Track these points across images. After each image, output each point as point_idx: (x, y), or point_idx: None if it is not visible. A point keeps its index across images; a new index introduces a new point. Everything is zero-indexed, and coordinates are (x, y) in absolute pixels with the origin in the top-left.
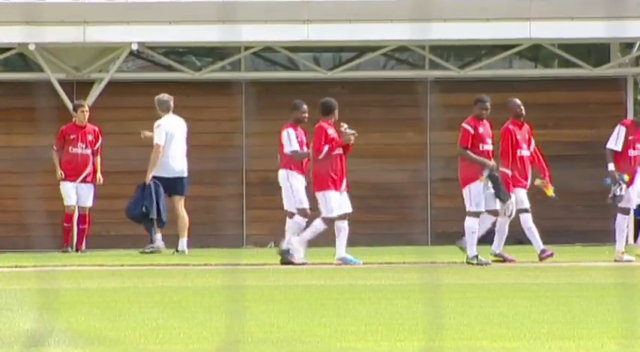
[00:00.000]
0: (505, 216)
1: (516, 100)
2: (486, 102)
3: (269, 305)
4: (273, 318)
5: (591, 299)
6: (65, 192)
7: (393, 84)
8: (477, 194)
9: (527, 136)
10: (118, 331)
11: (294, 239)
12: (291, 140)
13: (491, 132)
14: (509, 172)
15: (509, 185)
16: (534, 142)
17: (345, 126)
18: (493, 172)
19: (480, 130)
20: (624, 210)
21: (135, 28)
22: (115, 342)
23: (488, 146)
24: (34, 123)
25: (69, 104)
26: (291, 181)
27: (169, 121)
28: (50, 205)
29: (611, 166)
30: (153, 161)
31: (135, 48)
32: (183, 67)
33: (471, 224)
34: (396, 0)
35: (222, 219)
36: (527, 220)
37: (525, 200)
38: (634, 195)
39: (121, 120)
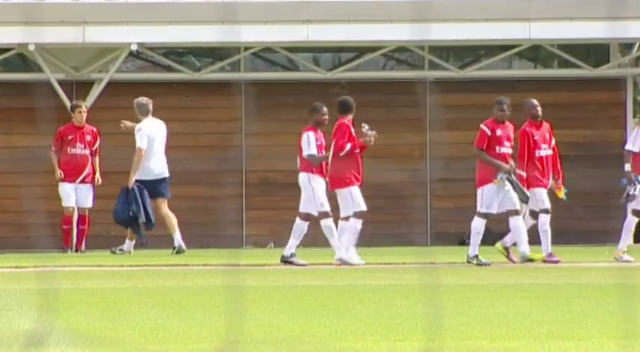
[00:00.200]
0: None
1: (532, 101)
2: (503, 104)
3: (269, 305)
4: (272, 318)
5: (591, 299)
6: (64, 194)
7: (392, 84)
8: (489, 196)
9: (548, 135)
10: (117, 331)
11: (340, 252)
12: (310, 144)
13: (512, 135)
14: (523, 174)
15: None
16: (554, 142)
17: (367, 127)
18: (509, 175)
19: (498, 132)
20: (636, 212)
21: (134, 28)
22: (115, 342)
23: (505, 148)
24: (33, 124)
25: (68, 104)
26: (313, 185)
27: (150, 125)
28: (50, 205)
29: (628, 166)
30: (135, 164)
31: (134, 48)
32: (182, 68)
33: (478, 224)
34: (396, 0)
35: (221, 219)
36: (545, 222)
37: (546, 200)
38: None
39: (121, 120)
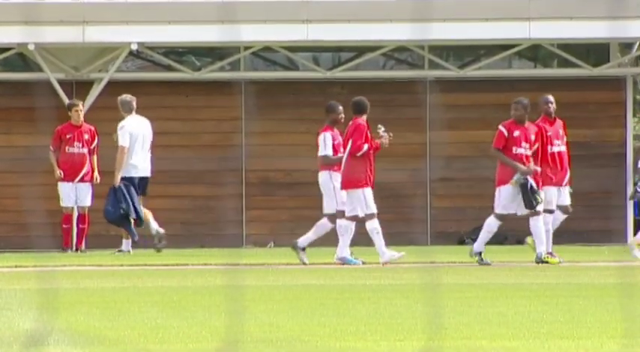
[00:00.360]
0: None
1: (547, 97)
2: (519, 104)
3: (268, 304)
4: (272, 318)
5: (591, 298)
6: (63, 193)
7: (392, 84)
8: (506, 197)
9: (561, 132)
10: (117, 330)
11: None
12: (327, 145)
13: (533, 137)
14: (538, 169)
15: (539, 183)
16: (566, 139)
17: (383, 129)
18: (525, 177)
19: (516, 134)
20: None
21: (134, 28)
22: (115, 342)
23: (522, 149)
24: (33, 123)
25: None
26: (335, 183)
27: (132, 122)
28: (50, 205)
29: None
30: (119, 162)
31: (134, 48)
32: (182, 67)
33: (492, 223)
34: (396, 0)
35: (221, 218)
36: (548, 222)
37: (553, 201)
38: None
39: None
